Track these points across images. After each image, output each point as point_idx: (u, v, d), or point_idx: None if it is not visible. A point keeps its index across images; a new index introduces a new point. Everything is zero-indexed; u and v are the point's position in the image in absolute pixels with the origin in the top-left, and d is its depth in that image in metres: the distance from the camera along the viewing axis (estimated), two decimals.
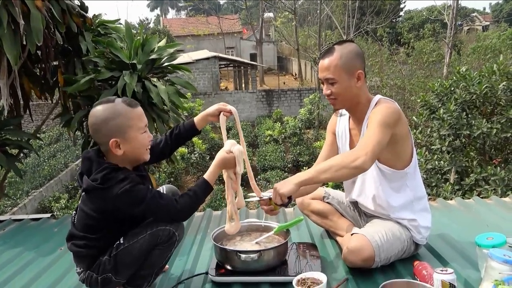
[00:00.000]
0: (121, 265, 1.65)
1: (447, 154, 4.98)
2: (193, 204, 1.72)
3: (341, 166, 1.77)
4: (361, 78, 1.96)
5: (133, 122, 1.66)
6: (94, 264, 1.68)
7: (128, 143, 1.66)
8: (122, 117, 1.64)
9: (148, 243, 1.64)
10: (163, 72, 3.60)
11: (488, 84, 4.84)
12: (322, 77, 1.98)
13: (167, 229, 1.66)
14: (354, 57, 1.95)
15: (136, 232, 1.66)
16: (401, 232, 1.96)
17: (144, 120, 1.71)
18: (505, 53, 13.96)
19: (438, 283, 1.59)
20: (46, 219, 3.01)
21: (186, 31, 32.83)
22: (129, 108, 1.66)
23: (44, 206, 10.87)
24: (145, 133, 1.72)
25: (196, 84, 19.69)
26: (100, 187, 1.58)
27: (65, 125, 3.63)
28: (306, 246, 2.13)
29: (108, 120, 1.63)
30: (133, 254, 1.64)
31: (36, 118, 16.13)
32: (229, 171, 1.88)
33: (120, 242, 1.66)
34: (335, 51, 1.94)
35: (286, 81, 27.80)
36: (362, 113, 2.00)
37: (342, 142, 2.16)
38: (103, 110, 1.65)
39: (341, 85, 1.94)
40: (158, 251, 1.68)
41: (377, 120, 1.85)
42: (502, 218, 2.57)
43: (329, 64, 1.93)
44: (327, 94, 1.99)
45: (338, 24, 21.22)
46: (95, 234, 1.68)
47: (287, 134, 14.85)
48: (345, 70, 1.92)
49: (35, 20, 2.88)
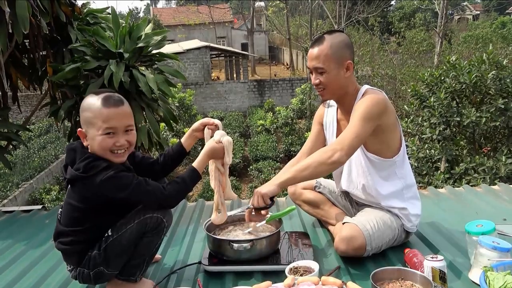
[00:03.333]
0: (112, 256, 1.65)
1: (437, 143, 5.02)
2: (180, 191, 1.71)
3: (319, 162, 1.82)
4: (350, 69, 1.96)
5: (95, 121, 1.59)
6: (83, 260, 1.67)
7: (90, 139, 1.63)
8: (89, 112, 1.61)
9: (136, 232, 1.64)
10: (151, 61, 3.56)
11: (478, 74, 4.88)
12: (311, 66, 1.97)
13: (154, 217, 1.65)
14: (343, 47, 1.94)
15: (124, 223, 1.65)
16: (392, 221, 1.98)
17: (111, 123, 1.59)
18: (495, 42, 14.05)
19: (429, 270, 1.61)
20: (37, 211, 2.99)
21: (177, 20, 32.48)
22: (101, 105, 1.59)
23: (34, 198, 10.78)
24: (108, 135, 1.60)
25: (187, 74, 19.56)
26: (83, 175, 1.57)
27: (53, 115, 3.58)
28: (298, 235, 2.14)
29: (83, 109, 1.64)
30: (122, 244, 1.64)
31: (25, 109, 15.89)
32: (217, 161, 1.87)
33: (109, 234, 1.65)
34: (325, 40, 1.93)
35: (278, 71, 27.73)
36: (350, 103, 2.00)
37: (330, 133, 2.17)
38: (86, 99, 1.64)
39: (330, 75, 1.93)
40: (147, 239, 1.68)
41: (359, 112, 1.87)
42: (491, 205, 2.61)
43: (319, 53, 1.92)
44: (315, 84, 1.99)
45: (329, 13, 21.12)
46: (81, 226, 1.66)
47: (279, 124, 14.84)
48: (334, 60, 1.92)
49: (21, 7, 2.82)
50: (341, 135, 1.87)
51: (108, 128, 1.59)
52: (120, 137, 1.62)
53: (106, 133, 1.59)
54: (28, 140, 15.18)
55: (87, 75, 3.32)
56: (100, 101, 1.60)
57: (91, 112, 1.60)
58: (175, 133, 12.34)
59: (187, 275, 1.91)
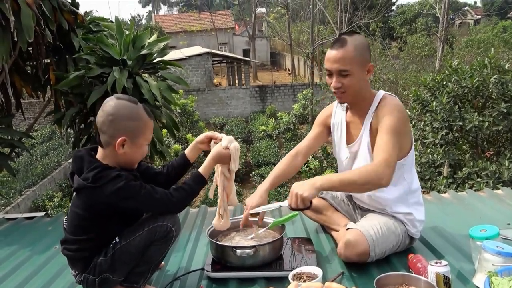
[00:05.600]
0: (119, 263, 1.65)
1: (440, 148, 5.01)
2: (187, 197, 1.72)
3: (366, 181, 1.81)
4: (371, 71, 1.96)
5: (147, 132, 1.69)
6: (89, 267, 1.67)
7: (134, 147, 1.66)
8: (141, 123, 1.66)
9: (145, 239, 1.64)
10: (154, 68, 3.58)
11: (480, 78, 4.87)
12: (334, 68, 1.91)
13: (164, 225, 1.65)
14: (366, 49, 1.94)
15: (132, 230, 1.65)
16: (396, 226, 1.97)
17: (151, 134, 1.75)
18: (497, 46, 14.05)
19: (433, 276, 1.60)
20: (40, 218, 2.99)
21: (179, 27, 32.66)
22: (148, 118, 1.69)
23: (37, 205, 10.79)
24: (147, 146, 1.74)
25: (189, 80, 19.61)
26: (91, 186, 1.57)
27: (56, 123, 3.60)
28: (301, 241, 2.14)
29: (129, 119, 1.63)
30: (131, 252, 1.64)
31: (28, 116, 15.97)
32: (223, 167, 1.87)
33: (117, 241, 1.65)
34: (348, 42, 1.89)
35: (279, 77, 27.77)
36: (364, 107, 1.99)
37: (338, 134, 2.16)
38: (127, 107, 1.64)
39: (354, 78, 1.90)
40: (155, 247, 1.68)
41: (391, 127, 1.86)
42: (495, 210, 2.59)
43: (344, 56, 1.88)
44: (337, 87, 1.93)
45: (330, 19, 21.20)
46: (87, 234, 1.66)
47: (281, 130, 14.84)
48: (359, 62, 1.90)
49: (26, 17, 2.85)
50: (384, 157, 1.81)
51: (149, 139, 1.72)
52: None
53: (148, 143, 1.72)
54: (31, 147, 15.23)
55: (91, 82, 3.34)
56: (146, 113, 1.68)
57: (143, 123, 1.67)
58: (177, 139, 12.34)
59: (190, 281, 1.90)
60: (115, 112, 1.62)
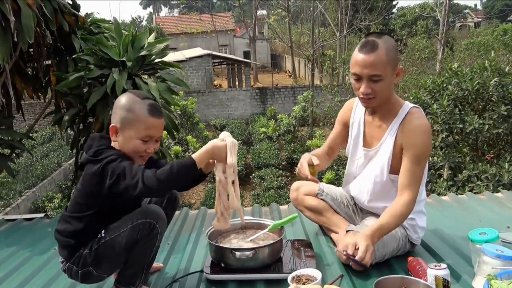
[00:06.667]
0: (102, 259, 1.66)
1: (440, 150, 5.01)
2: (170, 175, 1.58)
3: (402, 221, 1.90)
4: (400, 74, 1.89)
5: (138, 126, 1.67)
6: (74, 256, 1.69)
7: (123, 137, 1.68)
8: (132, 114, 1.67)
9: (128, 237, 1.63)
10: (154, 69, 3.58)
11: (480, 80, 4.87)
12: (364, 73, 1.81)
13: (147, 222, 1.63)
14: (396, 52, 1.86)
15: (117, 226, 1.66)
16: (396, 230, 1.96)
17: (151, 132, 1.69)
18: (497, 49, 14.06)
19: (432, 279, 1.60)
20: (39, 219, 2.99)
21: (179, 29, 32.69)
22: (148, 113, 1.67)
23: (37, 206, 10.79)
24: (144, 143, 1.68)
25: (190, 82, 19.63)
26: (91, 159, 1.62)
27: (56, 123, 3.60)
28: (301, 243, 2.13)
29: (123, 109, 1.68)
30: (114, 248, 1.64)
31: (29, 117, 15.98)
32: (220, 164, 1.74)
33: (102, 235, 1.66)
34: (380, 45, 1.79)
35: (280, 78, 27.79)
36: (387, 112, 1.95)
37: (354, 133, 2.12)
38: (128, 98, 1.70)
39: (385, 82, 1.82)
40: (140, 247, 1.66)
41: (420, 156, 1.88)
42: (495, 213, 2.59)
43: (376, 60, 1.78)
44: (366, 93, 1.84)
45: (331, 21, 21.24)
46: (80, 212, 1.68)
47: (281, 132, 14.84)
48: (391, 66, 1.82)
49: (26, 17, 2.85)
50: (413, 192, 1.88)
51: (147, 136, 1.68)
52: (152, 144, 1.71)
53: (143, 139, 1.68)
54: (31, 148, 15.22)
55: (90, 83, 3.35)
56: (146, 107, 1.67)
57: (135, 115, 1.66)
58: (177, 141, 12.35)
59: (189, 283, 1.90)
60: (117, 101, 1.72)
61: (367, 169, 2.06)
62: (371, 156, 2.04)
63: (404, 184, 1.88)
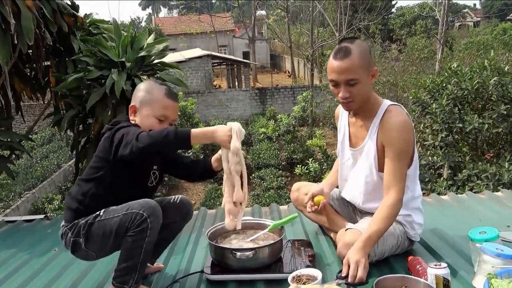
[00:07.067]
0: (93, 235, 1.72)
1: (440, 150, 5.01)
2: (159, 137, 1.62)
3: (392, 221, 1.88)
4: (375, 75, 1.92)
5: (155, 105, 1.81)
6: (72, 222, 1.76)
7: (141, 116, 1.82)
8: (151, 95, 1.82)
9: (120, 222, 1.67)
10: (153, 70, 3.58)
11: (480, 80, 4.87)
12: (341, 79, 1.85)
13: (140, 213, 1.65)
14: (369, 54, 1.91)
15: (115, 209, 1.71)
16: (394, 228, 1.97)
17: (167, 112, 1.82)
18: (497, 48, 14.06)
19: (432, 278, 1.60)
20: (39, 221, 2.99)
21: (179, 29, 32.68)
22: (164, 94, 1.82)
23: (37, 208, 10.77)
24: (159, 122, 1.80)
25: (189, 82, 19.61)
26: (109, 127, 1.77)
27: (56, 125, 3.60)
28: (301, 243, 2.13)
29: (142, 90, 1.85)
30: (105, 228, 1.69)
31: (28, 119, 15.96)
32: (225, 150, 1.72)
33: (100, 214, 1.73)
34: (352, 50, 1.84)
35: (279, 78, 27.79)
36: (366, 112, 1.98)
37: (341, 135, 2.17)
38: (147, 82, 1.90)
39: (362, 85, 1.86)
40: (130, 238, 1.66)
41: (399, 152, 1.87)
42: (495, 212, 2.59)
43: (350, 65, 1.83)
44: (345, 97, 1.88)
45: (330, 21, 21.23)
46: (90, 175, 1.78)
47: (280, 132, 14.82)
48: (365, 69, 1.86)
49: (26, 19, 2.85)
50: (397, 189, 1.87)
51: (163, 116, 1.81)
52: (166, 125, 1.82)
53: (159, 118, 1.80)
54: (31, 150, 15.21)
55: (90, 84, 3.35)
56: (163, 90, 1.83)
57: (153, 95, 1.82)
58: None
59: (189, 284, 1.90)
60: (137, 87, 1.90)
61: (356, 170, 2.07)
62: (358, 156, 2.05)
63: (388, 184, 1.88)
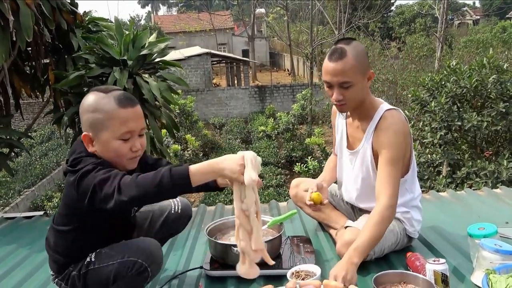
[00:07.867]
0: (91, 283, 1.53)
1: (439, 148, 5.01)
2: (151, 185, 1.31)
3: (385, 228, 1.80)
4: (371, 78, 1.89)
5: (111, 124, 1.41)
6: (63, 273, 1.57)
7: (99, 144, 1.45)
8: (101, 114, 1.42)
9: (116, 271, 1.47)
10: (154, 68, 3.58)
11: (479, 78, 4.88)
12: (335, 81, 1.81)
13: (138, 263, 1.45)
14: (365, 56, 1.87)
15: (107, 254, 1.51)
16: (394, 225, 1.97)
17: (130, 126, 1.44)
18: (496, 46, 14.07)
19: (431, 274, 1.61)
20: (38, 217, 2.99)
21: (178, 27, 32.65)
22: (117, 105, 1.41)
23: (36, 205, 10.78)
24: (125, 141, 1.45)
25: (188, 80, 19.60)
26: (69, 169, 1.44)
27: (56, 123, 3.60)
28: (300, 239, 2.14)
29: (88, 111, 1.44)
30: (101, 278, 1.50)
31: (27, 116, 15.94)
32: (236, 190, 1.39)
33: (92, 259, 1.52)
34: (348, 51, 1.79)
35: (278, 76, 27.78)
36: (362, 115, 1.96)
37: (339, 136, 2.17)
38: (90, 98, 1.46)
39: (356, 88, 1.82)
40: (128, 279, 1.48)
41: (392, 158, 1.83)
42: (494, 209, 2.60)
43: (345, 67, 1.78)
44: (338, 99, 1.85)
45: (329, 19, 21.21)
46: (65, 225, 1.53)
47: (280, 130, 14.84)
48: (360, 71, 1.81)
49: (25, 16, 2.85)
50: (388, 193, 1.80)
51: (126, 132, 1.43)
52: (136, 140, 1.47)
53: (123, 138, 1.43)
54: (30, 147, 15.21)
55: (91, 82, 3.35)
56: (113, 100, 1.42)
57: (104, 113, 1.41)
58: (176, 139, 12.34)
59: (188, 280, 1.91)
60: (81, 105, 1.47)
61: (354, 171, 2.07)
62: (355, 158, 2.05)
63: (379, 189, 1.84)
